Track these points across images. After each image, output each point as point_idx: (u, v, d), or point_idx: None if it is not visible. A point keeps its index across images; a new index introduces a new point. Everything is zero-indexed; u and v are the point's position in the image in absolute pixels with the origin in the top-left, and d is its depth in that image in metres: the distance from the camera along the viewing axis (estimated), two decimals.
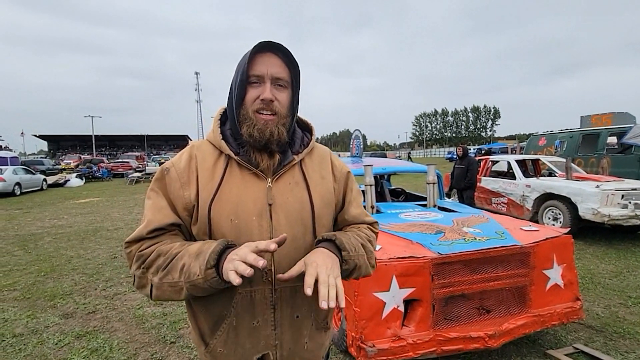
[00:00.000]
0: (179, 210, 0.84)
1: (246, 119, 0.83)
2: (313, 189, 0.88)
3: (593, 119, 9.63)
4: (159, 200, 0.84)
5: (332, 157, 1.00)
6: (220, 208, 0.81)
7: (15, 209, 9.76)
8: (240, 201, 0.82)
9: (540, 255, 2.29)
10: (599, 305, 3.11)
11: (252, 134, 0.81)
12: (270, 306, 0.83)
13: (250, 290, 0.82)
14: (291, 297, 0.84)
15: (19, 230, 6.87)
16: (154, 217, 0.81)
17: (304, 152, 0.91)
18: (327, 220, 0.90)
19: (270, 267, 0.82)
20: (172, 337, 2.74)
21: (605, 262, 4.22)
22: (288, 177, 0.87)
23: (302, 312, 0.86)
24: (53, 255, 5.06)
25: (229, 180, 0.84)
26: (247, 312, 0.82)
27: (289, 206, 0.84)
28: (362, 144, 4.86)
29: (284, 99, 0.85)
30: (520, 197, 6.14)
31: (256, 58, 0.82)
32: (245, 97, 0.84)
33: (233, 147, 0.86)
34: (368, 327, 1.98)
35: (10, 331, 2.86)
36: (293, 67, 0.85)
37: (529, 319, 2.20)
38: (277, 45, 0.83)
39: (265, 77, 0.82)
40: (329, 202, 0.91)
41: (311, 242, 0.86)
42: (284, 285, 0.83)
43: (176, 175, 0.85)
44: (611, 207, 4.82)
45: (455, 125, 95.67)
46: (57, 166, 24.23)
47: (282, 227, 0.83)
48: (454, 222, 2.71)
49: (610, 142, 8.37)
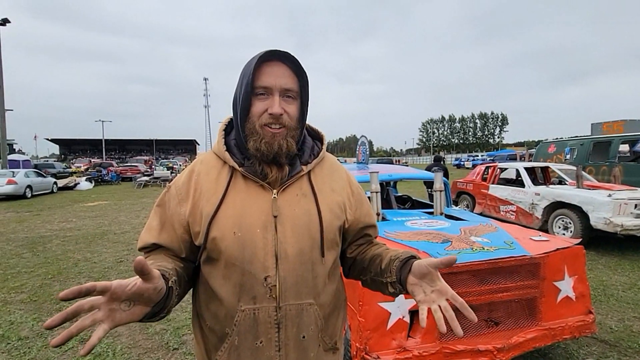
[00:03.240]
0: (176, 227, 0.83)
1: (253, 133, 0.79)
2: (321, 201, 0.84)
3: (604, 126, 9.47)
4: (152, 220, 0.86)
5: (348, 172, 0.97)
6: (224, 221, 0.78)
7: (26, 212, 9.91)
8: (245, 213, 0.79)
9: (550, 266, 2.22)
10: (612, 318, 3.01)
11: (260, 148, 0.78)
12: (275, 325, 0.78)
13: (254, 308, 0.77)
14: (297, 316, 0.79)
15: (29, 233, 6.96)
16: (143, 236, 0.86)
17: (313, 163, 0.87)
18: (334, 234, 0.85)
19: (275, 284, 0.77)
20: (176, 343, 2.72)
21: (619, 274, 4.11)
22: (295, 188, 0.84)
23: (309, 332, 0.81)
24: (60, 258, 5.11)
25: (233, 192, 0.81)
26: (249, 332, 0.78)
27: (295, 218, 0.80)
28: (368, 150, 4.84)
29: (293, 110, 0.81)
30: (529, 205, 6.03)
31: (262, 68, 0.78)
32: (251, 110, 0.79)
33: (238, 158, 0.84)
34: (373, 337, 1.94)
35: (16, 334, 2.88)
36: (302, 77, 0.81)
37: (539, 332, 2.13)
38: (285, 53, 0.78)
39: (274, 89, 0.78)
40: (338, 215, 0.87)
41: (319, 256, 0.81)
42: (289, 303, 0.79)
43: (175, 193, 0.85)
44: (624, 217, 4.70)
45: (462, 131, 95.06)
46: (67, 169, 24.64)
47: (287, 239, 0.79)
48: (462, 231, 2.66)
49: (622, 150, 8.21)
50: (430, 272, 0.72)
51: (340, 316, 0.92)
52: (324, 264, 0.83)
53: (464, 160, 38.39)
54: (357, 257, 0.95)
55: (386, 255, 0.85)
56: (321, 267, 0.82)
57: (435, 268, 0.71)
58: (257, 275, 0.77)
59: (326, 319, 0.85)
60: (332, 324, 0.88)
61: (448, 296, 0.70)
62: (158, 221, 0.85)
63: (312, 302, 0.81)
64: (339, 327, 0.91)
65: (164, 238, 0.83)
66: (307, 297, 0.80)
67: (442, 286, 0.71)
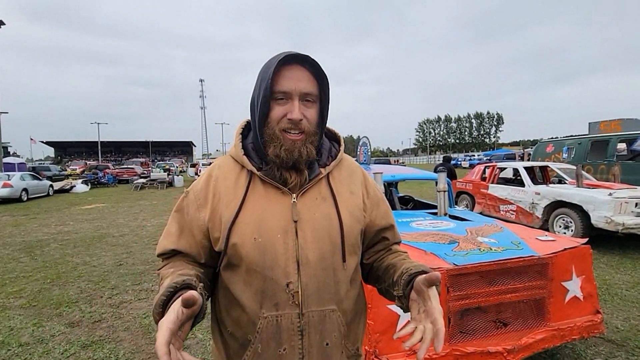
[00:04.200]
0: (195, 233, 0.81)
1: (272, 139, 0.77)
2: (341, 205, 0.82)
3: (602, 125, 9.53)
4: (171, 226, 0.85)
5: (365, 172, 0.95)
6: (243, 227, 0.77)
7: (22, 215, 9.80)
8: (264, 218, 0.77)
9: (558, 266, 2.22)
10: (617, 317, 3.01)
11: (280, 155, 0.76)
12: (298, 332, 0.76)
13: (276, 315, 0.76)
14: (320, 323, 0.77)
15: (26, 237, 6.88)
16: (162, 243, 0.85)
17: (331, 165, 0.85)
18: (355, 238, 0.83)
19: (297, 290, 0.75)
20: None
21: (621, 272, 4.12)
22: (315, 191, 0.82)
23: (332, 339, 0.79)
24: (59, 262, 5.04)
25: (252, 197, 0.79)
26: (272, 339, 0.76)
27: (315, 223, 0.78)
28: (370, 150, 4.83)
29: (313, 115, 0.79)
30: (529, 204, 6.04)
31: (282, 71, 0.76)
32: (270, 115, 0.78)
33: (256, 162, 0.82)
34: (382, 340, 1.91)
35: (16, 340, 2.83)
36: (322, 80, 0.79)
37: (548, 333, 2.12)
38: (304, 57, 0.77)
39: (293, 93, 0.76)
40: (358, 218, 0.85)
41: (340, 261, 0.79)
42: (312, 309, 0.77)
43: (193, 198, 0.83)
44: (625, 216, 4.72)
45: (458, 131, 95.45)
46: (63, 172, 24.44)
47: (308, 245, 0.77)
48: (468, 231, 2.65)
49: (620, 149, 8.26)
50: (423, 290, 0.69)
51: (361, 322, 0.90)
52: (346, 269, 0.81)
53: (461, 160, 38.56)
54: (373, 264, 0.92)
55: (400, 267, 0.82)
56: (343, 273, 0.80)
57: (425, 285, 0.68)
58: (279, 281, 0.75)
59: (348, 325, 0.83)
60: (354, 330, 0.86)
61: (431, 318, 0.66)
62: (177, 227, 0.83)
63: (335, 308, 0.79)
64: (360, 333, 0.89)
65: (182, 244, 0.82)
66: (329, 303, 0.78)
67: (430, 307, 0.68)
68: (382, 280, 0.87)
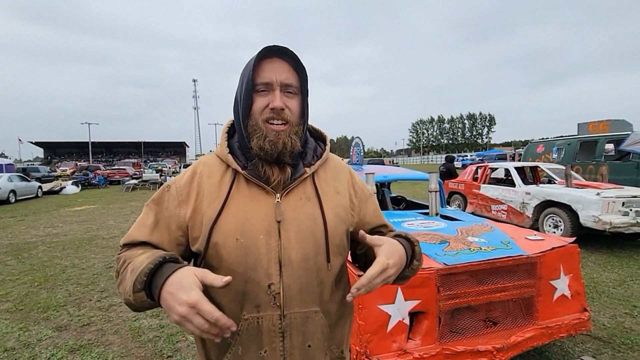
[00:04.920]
0: (172, 229, 0.79)
1: (256, 130, 0.77)
2: (326, 205, 0.82)
3: (590, 126, 9.71)
4: (145, 218, 0.81)
5: (352, 171, 0.95)
6: (225, 227, 0.76)
7: (9, 217, 9.61)
8: (247, 219, 0.76)
9: (547, 265, 2.24)
10: (604, 315, 3.06)
11: (263, 147, 0.76)
12: (280, 334, 0.76)
13: (257, 316, 0.75)
14: (302, 324, 0.77)
15: (13, 239, 6.74)
16: (132, 232, 0.80)
17: (317, 164, 0.85)
18: (340, 238, 0.83)
19: (279, 291, 0.75)
20: (169, 350, 2.65)
21: (608, 271, 4.19)
22: (299, 191, 0.81)
23: (315, 341, 0.79)
24: (47, 264, 4.95)
25: (236, 196, 0.79)
26: (253, 341, 0.75)
27: (299, 223, 0.78)
28: (363, 151, 4.83)
29: (295, 106, 0.80)
30: (520, 204, 6.12)
31: (262, 64, 0.77)
32: (253, 107, 0.78)
33: (241, 160, 0.81)
34: (373, 340, 1.92)
35: (1, 345, 2.77)
36: (301, 72, 0.80)
37: (537, 331, 2.14)
38: (284, 49, 0.77)
39: (274, 84, 0.77)
40: (344, 219, 0.84)
41: (324, 262, 0.79)
42: (294, 311, 0.76)
43: (175, 193, 0.81)
44: (612, 215, 4.80)
45: (451, 132, 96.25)
46: (52, 173, 24.03)
47: (292, 245, 0.76)
48: (458, 231, 2.67)
49: (608, 149, 8.41)
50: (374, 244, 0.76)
51: (347, 324, 0.90)
52: (330, 270, 0.80)
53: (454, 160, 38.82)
54: (367, 252, 0.91)
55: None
56: (327, 274, 0.80)
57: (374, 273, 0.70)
58: (261, 282, 0.74)
59: (332, 327, 0.83)
60: (339, 333, 0.86)
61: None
62: (153, 219, 0.80)
63: (318, 309, 0.79)
64: (345, 336, 0.89)
65: (155, 238, 0.79)
66: (312, 304, 0.78)
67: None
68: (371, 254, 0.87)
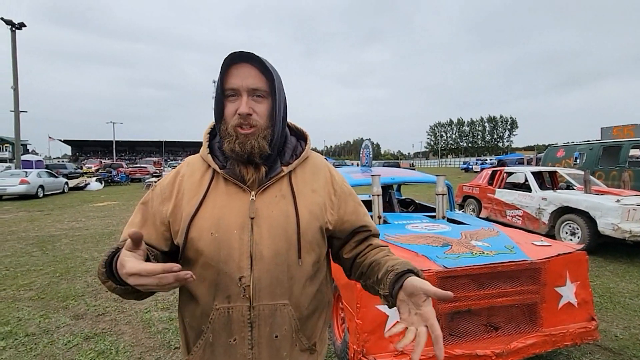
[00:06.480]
0: (157, 225, 0.85)
1: (227, 135, 0.82)
2: (300, 203, 0.84)
3: (614, 130, 9.31)
4: (135, 217, 0.88)
5: (332, 170, 0.96)
6: (202, 222, 0.80)
7: (37, 211, 10.13)
8: (223, 215, 0.81)
9: (551, 271, 2.20)
10: (617, 326, 2.96)
11: (234, 149, 0.80)
12: (248, 324, 0.79)
13: (228, 307, 0.79)
14: (270, 316, 0.80)
15: (39, 232, 7.11)
16: (124, 232, 0.85)
17: (294, 163, 0.88)
18: (313, 236, 0.85)
19: (249, 284, 0.79)
20: (177, 342, 2.76)
21: (626, 281, 4.02)
22: (275, 189, 0.85)
23: (282, 332, 0.82)
24: (69, 257, 5.21)
25: (213, 194, 0.83)
26: (223, 330, 0.80)
27: (272, 220, 0.81)
28: (372, 153, 4.84)
29: (263, 110, 0.82)
30: (536, 210, 5.95)
31: (231, 70, 0.80)
32: (225, 112, 0.82)
33: (220, 160, 0.86)
34: (370, 340, 1.94)
35: (23, 330, 2.95)
36: (270, 75, 0.82)
37: (539, 338, 2.11)
38: (249, 54, 0.79)
39: (242, 89, 0.80)
40: (318, 216, 0.86)
41: (295, 258, 0.81)
42: (263, 303, 0.80)
43: (159, 192, 0.88)
44: (633, 223, 4.61)
45: (471, 135, 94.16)
46: (78, 170, 25.10)
47: (263, 241, 0.80)
48: (462, 235, 2.65)
49: (633, 155, 8.06)
50: (419, 294, 0.69)
51: (321, 318, 0.92)
52: (301, 265, 0.83)
53: (472, 164, 37.95)
54: (356, 260, 0.93)
55: (384, 264, 0.82)
56: (298, 269, 0.82)
57: (427, 294, 0.68)
58: (232, 275, 0.78)
59: (303, 320, 0.85)
60: (311, 325, 0.88)
61: (428, 323, 0.66)
62: (140, 218, 0.87)
63: (287, 302, 0.81)
64: (319, 329, 0.91)
65: (144, 233, 0.84)
66: (281, 298, 0.81)
67: (426, 312, 0.67)
68: (367, 277, 0.88)
